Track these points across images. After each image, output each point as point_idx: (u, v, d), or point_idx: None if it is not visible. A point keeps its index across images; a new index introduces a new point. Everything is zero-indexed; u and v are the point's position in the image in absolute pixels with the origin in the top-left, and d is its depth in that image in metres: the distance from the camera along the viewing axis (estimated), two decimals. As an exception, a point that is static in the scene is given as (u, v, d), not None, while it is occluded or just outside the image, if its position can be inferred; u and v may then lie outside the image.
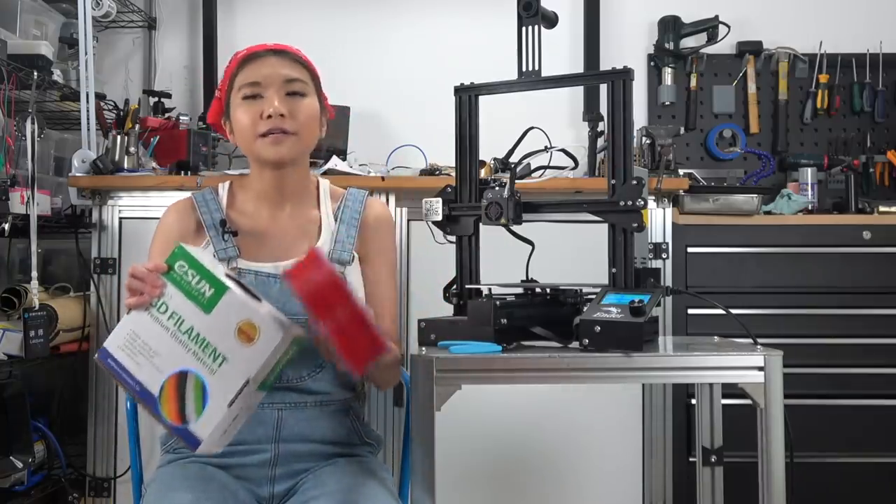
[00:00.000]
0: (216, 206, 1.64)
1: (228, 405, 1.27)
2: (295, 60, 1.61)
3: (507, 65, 1.71)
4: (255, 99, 1.56)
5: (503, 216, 1.59)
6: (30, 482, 2.42)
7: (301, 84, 1.59)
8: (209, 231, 1.60)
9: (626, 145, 1.53)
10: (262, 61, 1.58)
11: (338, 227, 1.64)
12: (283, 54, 1.60)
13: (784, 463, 1.45)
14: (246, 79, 1.57)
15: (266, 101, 1.55)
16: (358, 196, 1.70)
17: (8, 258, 2.78)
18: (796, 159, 3.16)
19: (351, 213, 1.66)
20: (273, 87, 1.56)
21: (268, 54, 1.59)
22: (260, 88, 1.56)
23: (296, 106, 1.57)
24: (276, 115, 1.53)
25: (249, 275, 1.55)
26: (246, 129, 1.56)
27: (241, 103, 1.57)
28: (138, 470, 1.72)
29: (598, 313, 1.45)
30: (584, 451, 2.59)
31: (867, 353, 2.65)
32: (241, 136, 1.59)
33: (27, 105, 2.50)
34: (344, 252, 1.62)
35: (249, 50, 1.62)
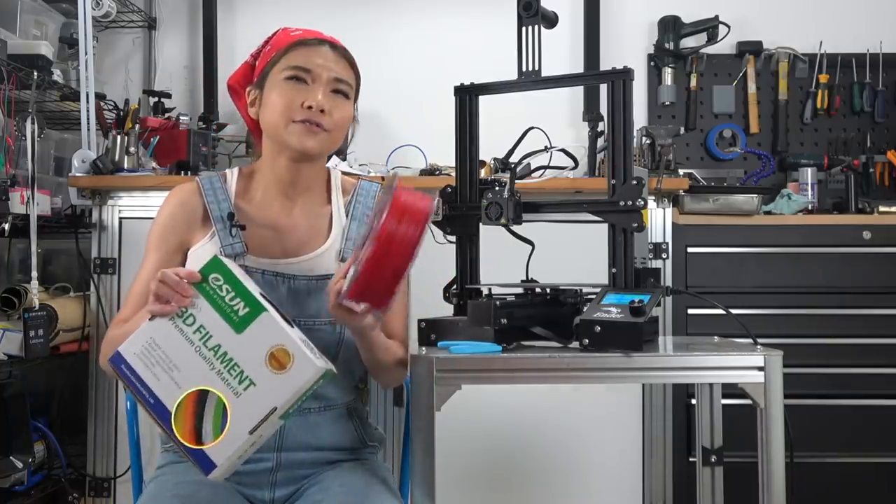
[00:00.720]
0: (224, 195, 1.56)
1: (249, 432, 1.22)
2: (348, 61, 1.59)
3: (507, 65, 1.71)
4: (299, 83, 1.51)
5: (503, 216, 1.59)
6: (30, 482, 2.42)
7: (346, 86, 1.56)
8: (216, 223, 1.53)
9: (626, 145, 1.53)
10: (318, 50, 1.54)
11: (349, 224, 1.60)
12: (338, 50, 1.57)
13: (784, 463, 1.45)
14: (297, 61, 1.52)
15: (311, 91, 1.51)
16: (370, 190, 1.65)
17: (8, 258, 2.78)
18: (796, 159, 3.16)
19: (363, 209, 1.62)
20: (321, 80, 1.52)
21: (325, 45, 1.56)
22: (308, 76, 1.52)
23: (336, 105, 1.53)
24: (316, 108, 1.50)
25: (256, 273, 1.50)
26: (281, 110, 1.50)
27: (283, 82, 1.52)
28: (138, 470, 1.72)
29: (598, 313, 1.45)
30: (584, 451, 2.59)
31: (867, 353, 2.65)
32: (272, 115, 1.52)
33: (27, 105, 2.50)
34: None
35: (307, 33, 1.58)
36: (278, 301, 1.49)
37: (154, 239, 1.56)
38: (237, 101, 1.66)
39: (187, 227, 1.55)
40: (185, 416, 1.23)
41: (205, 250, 1.52)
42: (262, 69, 1.56)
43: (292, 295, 1.51)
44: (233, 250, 1.51)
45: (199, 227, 1.55)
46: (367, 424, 1.64)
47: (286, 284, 1.51)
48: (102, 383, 2.58)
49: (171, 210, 1.57)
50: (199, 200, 1.56)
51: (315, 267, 1.54)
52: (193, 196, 1.57)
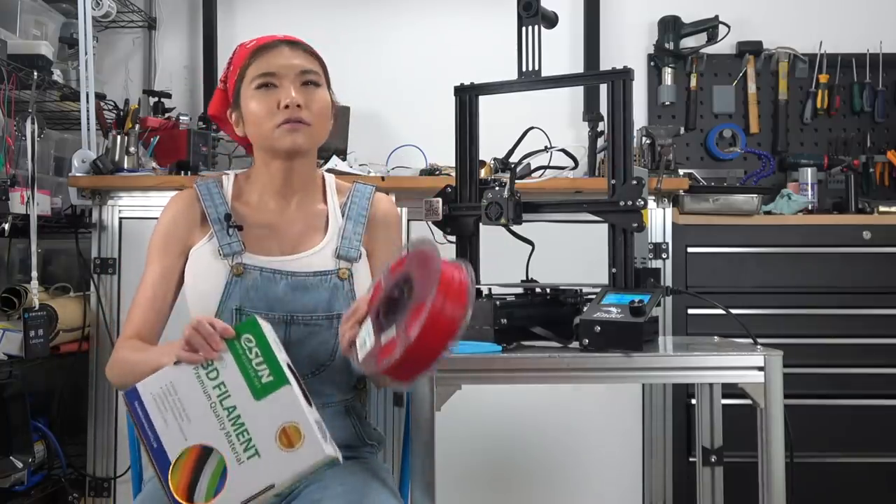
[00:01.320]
0: (220, 198, 1.59)
1: (242, 502, 1.19)
2: (307, 52, 1.59)
3: (507, 65, 1.71)
4: (270, 89, 1.53)
5: (503, 216, 1.59)
6: (30, 482, 2.42)
7: (315, 75, 1.56)
8: (213, 224, 1.56)
9: (626, 145, 1.53)
10: (276, 52, 1.55)
11: (345, 224, 1.60)
12: (295, 45, 1.58)
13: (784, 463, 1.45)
14: (260, 69, 1.54)
15: (282, 91, 1.52)
16: (365, 192, 1.65)
17: (8, 258, 2.78)
18: (796, 159, 3.16)
19: (358, 210, 1.63)
20: (288, 78, 1.53)
21: (281, 45, 1.56)
22: (274, 79, 1.53)
23: (311, 97, 1.54)
24: (293, 105, 1.51)
25: (255, 270, 1.52)
26: (261, 119, 1.53)
27: (254, 93, 1.54)
28: (138, 470, 1.72)
29: (598, 313, 1.46)
30: (584, 451, 2.59)
31: (867, 353, 2.65)
32: (254, 127, 1.55)
33: (27, 105, 2.50)
34: (351, 249, 1.58)
35: (261, 41, 1.59)
36: (277, 297, 1.51)
37: (155, 247, 1.59)
38: (224, 128, 1.69)
39: (187, 232, 1.57)
40: (184, 469, 1.20)
41: (204, 250, 1.55)
42: (234, 89, 1.59)
43: (290, 290, 1.52)
44: (231, 249, 1.53)
45: (198, 230, 1.57)
46: (365, 423, 1.64)
47: (284, 280, 1.52)
48: (102, 383, 2.58)
49: (170, 217, 1.60)
50: (196, 206, 1.59)
51: (312, 263, 1.55)
52: (191, 202, 1.60)
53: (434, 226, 1.70)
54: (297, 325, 1.51)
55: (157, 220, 1.61)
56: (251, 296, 1.51)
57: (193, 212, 1.59)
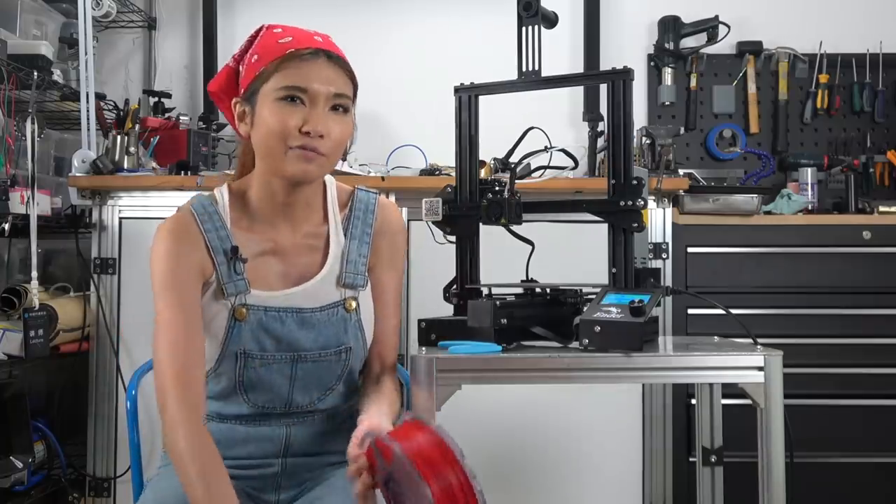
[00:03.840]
0: (220, 221, 1.44)
1: None
2: (346, 70, 1.44)
3: (507, 65, 1.71)
4: (294, 103, 1.38)
5: (503, 216, 1.59)
6: (30, 482, 2.42)
7: (346, 100, 1.43)
8: (216, 254, 1.42)
9: (626, 145, 1.53)
10: (314, 64, 1.40)
11: (348, 245, 1.50)
12: (335, 60, 1.42)
13: (784, 463, 1.45)
14: (290, 80, 1.38)
15: (310, 115, 1.38)
16: (368, 202, 1.54)
17: (8, 258, 2.78)
18: (796, 159, 3.16)
19: (363, 227, 1.52)
20: (319, 100, 1.39)
21: (320, 55, 1.41)
22: (304, 95, 1.38)
23: (335, 125, 1.40)
24: (315, 135, 1.37)
25: (259, 310, 1.42)
26: (275, 136, 1.37)
27: (275, 102, 1.38)
28: (138, 470, 1.72)
29: (598, 313, 1.45)
30: (584, 451, 2.59)
31: (867, 353, 2.65)
32: (265, 139, 1.39)
33: (27, 105, 2.50)
34: (357, 276, 1.49)
35: (297, 42, 1.42)
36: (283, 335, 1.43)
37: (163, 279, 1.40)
38: (221, 107, 1.55)
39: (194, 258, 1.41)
40: None
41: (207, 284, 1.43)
42: (250, 83, 1.42)
43: (297, 327, 1.45)
44: (236, 288, 1.42)
45: (204, 255, 1.42)
46: None
47: (290, 317, 1.44)
48: (102, 383, 2.58)
49: (170, 246, 1.41)
50: (195, 228, 1.43)
51: (318, 294, 1.46)
52: (188, 224, 1.43)
53: (434, 226, 1.70)
54: (304, 363, 1.46)
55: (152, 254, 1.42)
56: (258, 337, 1.43)
57: (193, 235, 1.42)
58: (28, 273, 2.41)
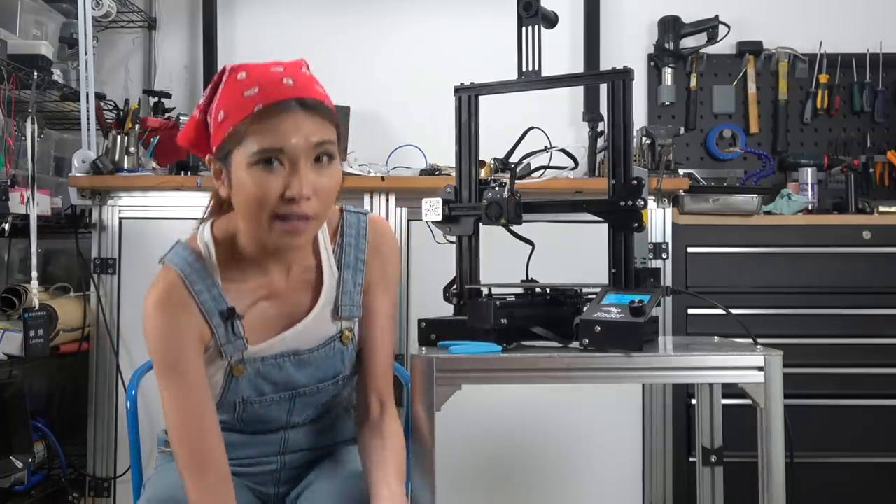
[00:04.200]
0: (210, 279, 1.34)
1: None
2: (324, 113, 1.27)
3: (507, 65, 1.71)
4: (272, 166, 1.23)
5: (503, 216, 1.59)
6: (30, 482, 2.42)
7: (330, 146, 1.27)
8: (210, 317, 1.33)
9: (626, 145, 1.53)
10: (287, 118, 1.23)
11: (341, 275, 1.42)
12: (311, 108, 1.25)
13: (784, 463, 1.45)
14: (264, 142, 1.22)
15: (290, 177, 1.23)
16: (359, 227, 1.45)
17: (8, 258, 2.78)
18: (796, 159, 3.16)
19: (355, 253, 1.44)
20: (299, 157, 1.24)
21: (294, 108, 1.24)
22: (281, 156, 1.23)
23: (322, 180, 1.26)
24: (300, 199, 1.23)
25: (256, 362, 1.38)
26: (256, 205, 1.24)
27: (251, 168, 1.23)
28: (138, 470, 1.72)
29: (598, 313, 1.45)
30: (584, 451, 2.59)
31: (867, 353, 2.65)
32: (245, 206, 1.27)
33: (27, 105, 2.50)
34: (353, 307, 1.43)
35: (266, 95, 1.24)
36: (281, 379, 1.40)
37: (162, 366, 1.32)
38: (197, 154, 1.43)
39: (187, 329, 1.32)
40: None
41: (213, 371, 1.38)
42: (221, 144, 1.27)
43: (295, 369, 1.41)
44: (234, 349, 1.36)
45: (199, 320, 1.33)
46: None
47: (287, 361, 1.41)
48: (102, 383, 2.58)
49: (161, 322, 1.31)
50: (185, 294, 1.32)
51: (314, 331, 1.41)
52: (178, 291, 1.32)
53: (434, 226, 1.70)
54: (302, 396, 1.45)
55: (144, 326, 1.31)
56: (257, 385, 1.40)
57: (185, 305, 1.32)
58: (28, 273, 2.41)
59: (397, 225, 2.60)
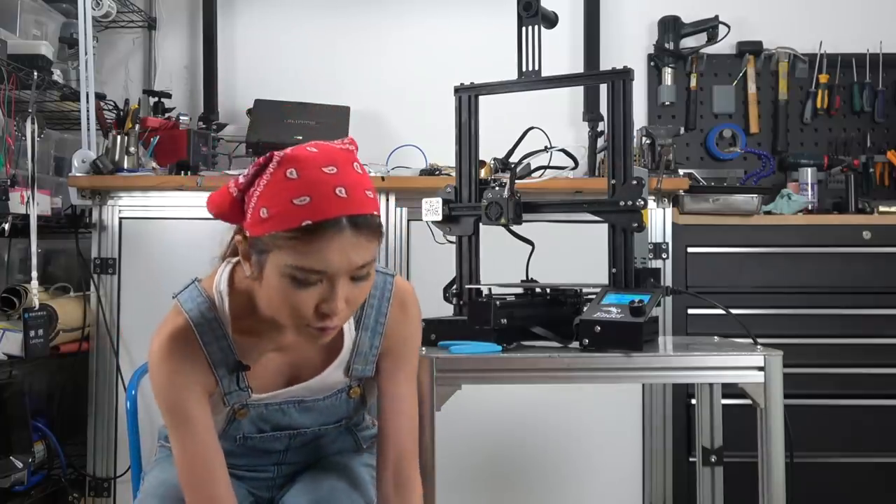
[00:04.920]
0: (221, 331, 1.30)
1: None
2: (372, 234, 1.20)
3: (507, 65, 1.71)
4: (310, 283, 1.18)
5: (503, 216, 1.59)
6: (30, 482, 2.42)
7: (369, 267, 1.22)
8: (216, 367, 1.30)
9: (626, 145, 1.53)
10: (334, 240, 1.15)
11: (359, 336, 1.38)
12: (361, 227, 1.18)
13: (784, 463, 1.45)
14: (308, 261, 1.16)
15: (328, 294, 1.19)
16: (385, 289, 1.40)
17: (8, 258, 2.78)
18: (796, 159, 3.16)
19: (376, 316, 1.38)
20: (339, 278, 1.18)
21: (343, 228, 1.16)
22: (321, 276, 1.18)
23: (356, 291, 1.22)
24: (333, 314, 1.20)
25: (259, 407, 1.37)
26: (286, 313, 1.21)
27: (286, 279, 1.18)
28: (138, 470, 1.72)
29: (598, 313, 1.46)
30: (584, 451, 2.59)
31: (867, 353, 2.65)
32: (272, 308, 1.23)
33: (27, 105, 2.50)
34: (367, 368, 1.40)
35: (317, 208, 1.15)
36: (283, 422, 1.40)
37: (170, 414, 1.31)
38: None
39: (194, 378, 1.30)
40: None
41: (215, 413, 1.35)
42: (257, 238, 1.19)
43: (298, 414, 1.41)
44: (238, 397, 1.34)
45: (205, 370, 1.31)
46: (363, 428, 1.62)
47: (293, 406, 1.40)
48: (102, 383, 2.58)
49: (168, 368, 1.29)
50: (194, 344, 1.29)
51: (322, 386, 1.40)
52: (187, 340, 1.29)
53: (434, 226, 1.70)
54: (303, 436, 1.45)
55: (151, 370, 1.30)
56: (258, 425, 1.40)
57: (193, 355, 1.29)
58: (28, 273, 2.40)
59: (397, 225, 2.60)
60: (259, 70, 3.25)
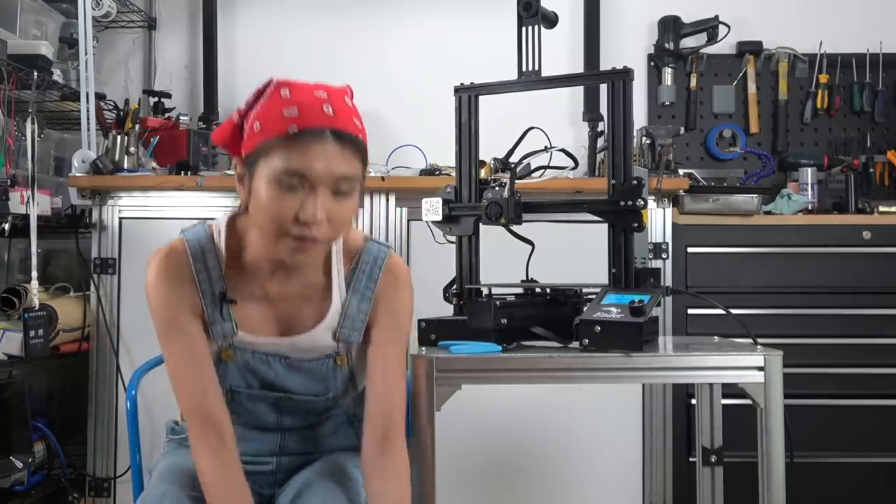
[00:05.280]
0: (214, 262, 1.38)
1: None
2: (355, 149, 1.30)
3: (507, 65, 1.71)
4: (292, 188, 1.27)
5: (503, 216, 1.59)
6: (30, 482, 2.42)
7: (351, 183, 1.30)
8: (204, 296, 1.37)
9: (626, 145, 1.53)
10: (318, 147, 1.26)
11: (349, 299, 1.42)
12: (344, 141, 1.29)
13: (784, 463, 1.45)
14: (290, 162, 1.26)
15: (307, 201, 1.27)
16: (377, 258, 1.45)
17: (8, 258, 2.78)
18: (796, 159, 3.16)
19: (367, 282, 1.43)
20: (319, 186, 1.27)
21: (327, 137, 1.27)
22: (303, 179, 1.26)
23: (336, 209, 1.29)
24: (312, 224, 1.27)
25: (247, 352, 1.41)
26: (269, 219, 1.28)
27: (272, 184, 1.27)
28: (138, 470, 1.72)
29: (598, 313, 1.46)
30: (584, 451, 2.59)
31: (867, 353, 2.65)
32: (258, 217, 1.31)
33: (27, 105, 2.50)
34: (353, 332, 1.43)
35: (303, 118, 1.27)
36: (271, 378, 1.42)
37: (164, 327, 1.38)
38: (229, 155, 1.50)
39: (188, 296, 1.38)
40: None
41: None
42: (250, 153, 1.31)
43: (285, 371, 1.43)
44: (222, 331, 1.39)
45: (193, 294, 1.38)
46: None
47: (278, 362, 1.42)
48: (102, 383, 2.58)
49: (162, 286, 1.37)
50: (186, 267, 1.38)
51: (308, 346, 1.43)
52: (181, 262, 1.38)
53: (434, 226, 1.70)
54: (291, 402, 1.46)
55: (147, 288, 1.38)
56: (245, 377, 1.43)
57: (185, 276, 1.37)
58: (28, 273, 2.41)
59: (397, 225, 2.60)
60: (259, 70, 3.22)
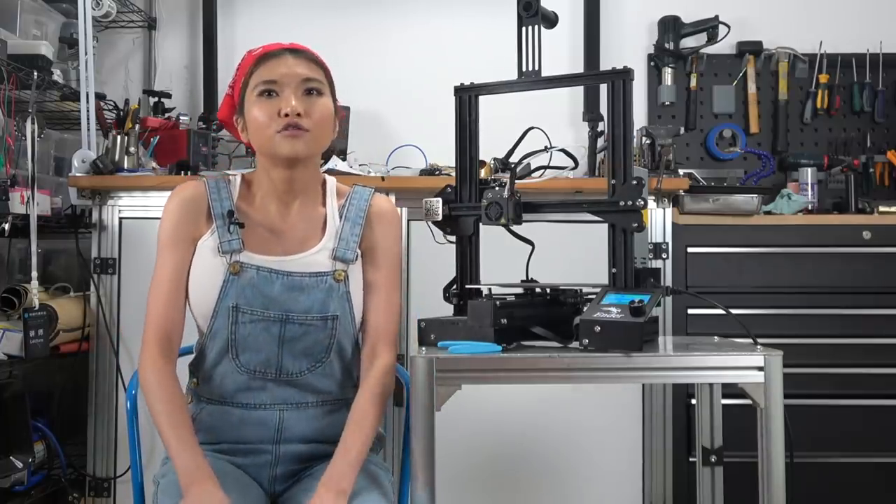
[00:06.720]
0: (227, 194, 1.63)
1: None
2: (311, 60, 1.61)
3: (507, 65, 1.71)
4: (271, 96, 1.56)
5: (503, 216, 1.59)
6: (30, 482, 2.41)
7: (317, 83, 1.59)
8: (216, 219, 1.59)
9: (626, 145, 1.53)
10: (279, 60, 1.58)
11: (342, 225, 1.63)
12: (299, 53, 1.60)
13: (784, 463, 1.45)
14: (262, 77, 1.57)
15: (283, 100, 1.55)
16: (363, 193, 1.68)
17: (8, 258, 2.78)
18: (796, 159, 3.16)
19: (356, 211, 1.66)
20: (290, 87, 1.55)
21: (284, 53, 1.59)
22: (276, 86, 1.56)
23: (312, 105, 1.57)
24: (292, 114, 1.53)
25: (251, 269, 1.56)
26: (262, 127, 1.56)
27: (256, 100, 1.57)
28: (138, 470, 1.72)
29: (598, 313, 1.45)
30: (583, 451, 2.59)
31: (867, 353, 2.65)
32: (256, 133, 1.58)
33: (27, 105, 2.50)
34: (348, 251, 1.61)
35: (266, 48, 1.62)
36: (272, 296, 1.55)
37: (166, 240, 1.60)
38: (233, 133, 1.72)
39: (194, 220, 1.60)
40: None
41: (207, 244, 1.59)
42: (239, 96, 1.63)
43: (286, 290, 1.56)
44: (230, 246, 1.57)
45: (204, 222, 1.60)
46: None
47: (280, 280, 1.56)
48: (102, 383, 2.58)
49: (178, 205, 1.61)
50: (203, 197, 1.61)
51: (309, 264, 1.59)
52: (199, 192, 1.62)
53: (434, 226, 1.70)
54: (292, 324, 1.56)
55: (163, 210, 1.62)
56: (247, 294, 1.55)
57: (200, 203, 1.61)
58: (28, 273, 2.41)
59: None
60: (259, 70, 3.24)
